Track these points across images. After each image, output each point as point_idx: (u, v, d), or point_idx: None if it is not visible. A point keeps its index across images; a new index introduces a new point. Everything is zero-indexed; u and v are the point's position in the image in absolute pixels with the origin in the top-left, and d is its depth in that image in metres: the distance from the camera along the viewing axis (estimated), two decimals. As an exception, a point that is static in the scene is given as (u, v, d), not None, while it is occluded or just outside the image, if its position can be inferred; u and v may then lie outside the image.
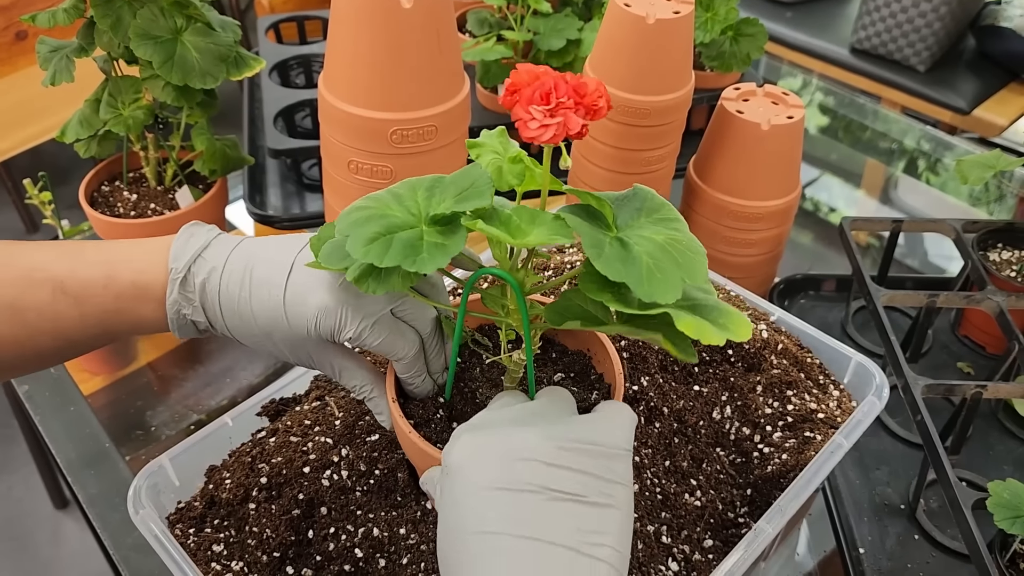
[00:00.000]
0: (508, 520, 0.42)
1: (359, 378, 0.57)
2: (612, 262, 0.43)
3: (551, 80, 0.43)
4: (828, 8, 2.30)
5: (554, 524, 0.42)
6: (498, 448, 0.45)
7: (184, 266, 0.53)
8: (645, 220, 0.48)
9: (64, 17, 0.84)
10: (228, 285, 0.53)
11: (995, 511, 0.66)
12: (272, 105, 1.14)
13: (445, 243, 0.44)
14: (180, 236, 0.55)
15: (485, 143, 0.50)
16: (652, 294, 0.42)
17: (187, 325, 0.55)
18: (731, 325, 0.45)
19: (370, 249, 0.44)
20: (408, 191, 0.48)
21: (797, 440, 0.68)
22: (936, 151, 1.45)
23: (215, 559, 0.59)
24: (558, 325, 0.48)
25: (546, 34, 1.12)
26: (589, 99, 0.43)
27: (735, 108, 0.90)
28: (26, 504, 1.82)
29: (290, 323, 0.52)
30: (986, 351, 1.00)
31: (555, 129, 0.42)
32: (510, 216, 0.45)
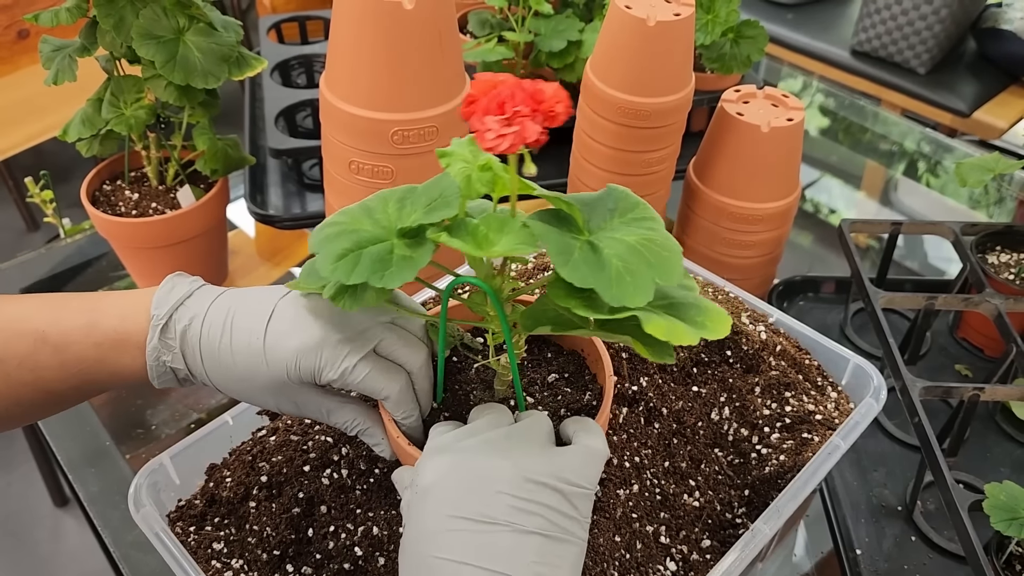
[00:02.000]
0: (470, 550, 0.44)
1: (347, 415, 0.56)
2: (579, 268, 0.43)
3: (507, 89, 0.42)
4: (829, 10, 2.30)
5: (514, 557, 0.44)
6: (469, 476, 0.46)
7: (166, 313, 0.53)
8: (618, 221, 0.47)
9: (67, 16, 0.84)
10: (209, 332, 0.53)
11: (992, 513, 0.66)
12: (273, 105, 1.14)
13: (413, 256, 0.44)
14: (163, 286, 0.55)
15: (455, 152, 0.50)
16: (621, 298, 0.42)
17: (167, 373, 0.54)
18: (708, 322, 0.45)
19: (338, 266, 0.44)
20: (380, 204, 0.48)
21: (795, 441, 0.68)
22: (936, 153, 1.45)
23: (215, 557, 0.60)
24: (531, 330, 0.49)
25: (547, 35, 1.12)
26: (546, 105, 0.42)
27: (735, 110, 0.90)
28: (26, 501, 1.82)
29: (269, 366, 0.52)
30: (984, 354, 1.00)
31: (511, 139, 0.42)
32: (477, 227, 0.45)
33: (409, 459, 0.54)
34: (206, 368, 0.53)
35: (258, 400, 0.55)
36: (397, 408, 0.53)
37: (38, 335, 0.52)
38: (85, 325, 0.53)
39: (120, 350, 0.53)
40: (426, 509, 0.45)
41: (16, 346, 0.52)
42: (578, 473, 0.47)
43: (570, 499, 0.46)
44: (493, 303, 0.48)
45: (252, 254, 1.17)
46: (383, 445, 0.58)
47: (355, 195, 0.87)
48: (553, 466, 0.47)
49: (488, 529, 0.44)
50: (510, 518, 0.44)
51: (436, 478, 0.46)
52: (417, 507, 0.46)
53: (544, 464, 0.47)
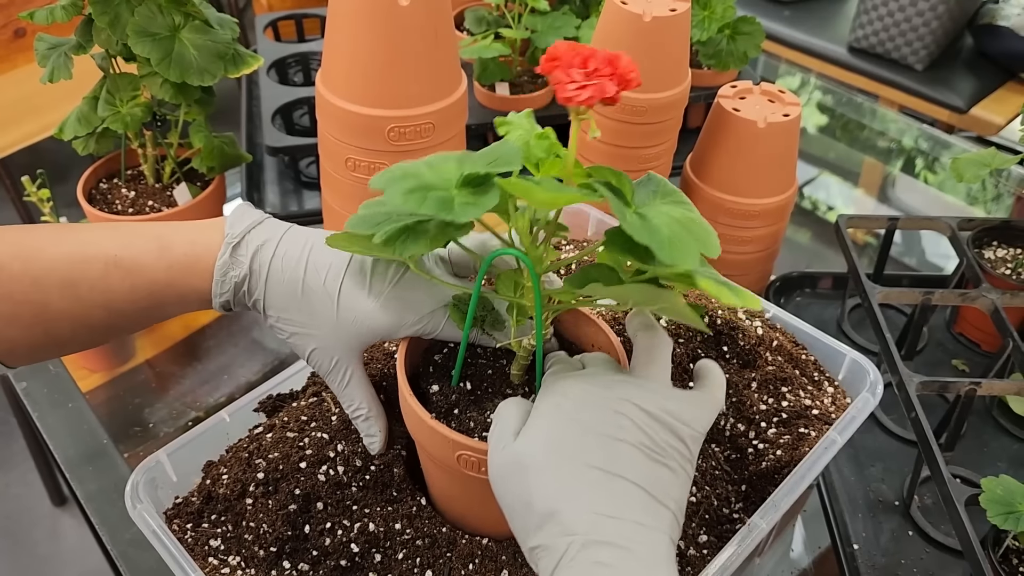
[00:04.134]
0: (606, 459, 0.45)
1: (359, 396, 0.58)
2: (637, 226, 0.44)
3: (589, 50, 0.45)
4: (826, 7, 2.30)
5: (639, 469, 0.46)
6: (605, 401, 0.48)
7: (241, 232, 0.55)
8: (660, 201, 0.49)
9: (62, 14, 0.84)
10: (284, 258, 0.55)
11: (988, 507, 0.66)
12: (270, 103, 1.14)
13: (477, 201, 0.45)
14: (235, 211, 0.57)
15: (514, 121, 0.52)
16: (673, 257, 0.44)
17: (229, 291, 0.56)
18: (742, 296, 0.47)
19: (409, 197, 0.45)
20: (440, 160, 0.50)
21: (792, 436, 0.68)
22: (934, 150, 1.45)
23: (212, 554, 0.60)
24: (580, 287, 0.49)
25: (543, 32, 1.12)
26: (623, 70, 0.45)
27: (732, 106, 0.90)
28: (24, 501, 1.82)
29: (340, 312, 0.55)
30: (981, 348, 1.00)
31: (592, 91, 0.44)
32: (539, 181, 0.46)
33: (416, 421, 0.54)
34: (267, 292, 0.55)
35: (299, 341, 0.57)
36: None
37: (110, 258, 0.54)
38: (157, 249, 0.54)
39: (191, 272, 0.55)
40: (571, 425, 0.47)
41: (88, 270, 0.53)
42: (694, 419, 0.49)
43: (685, 439, 0.48)
44: (531, 275, 0.49)
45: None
46: (376, 439, 0.58)
47: (352, 192, 0.86)
48: (675, 407, 0.49)
49: (613, 444, 0.46)
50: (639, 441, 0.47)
51: (578, 399, 0.48)
52: (557, 419, 0.48)
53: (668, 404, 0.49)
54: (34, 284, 0.52)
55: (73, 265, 0.53)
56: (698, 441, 0.49)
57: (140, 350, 1.02)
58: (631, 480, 0.45)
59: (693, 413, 0.49)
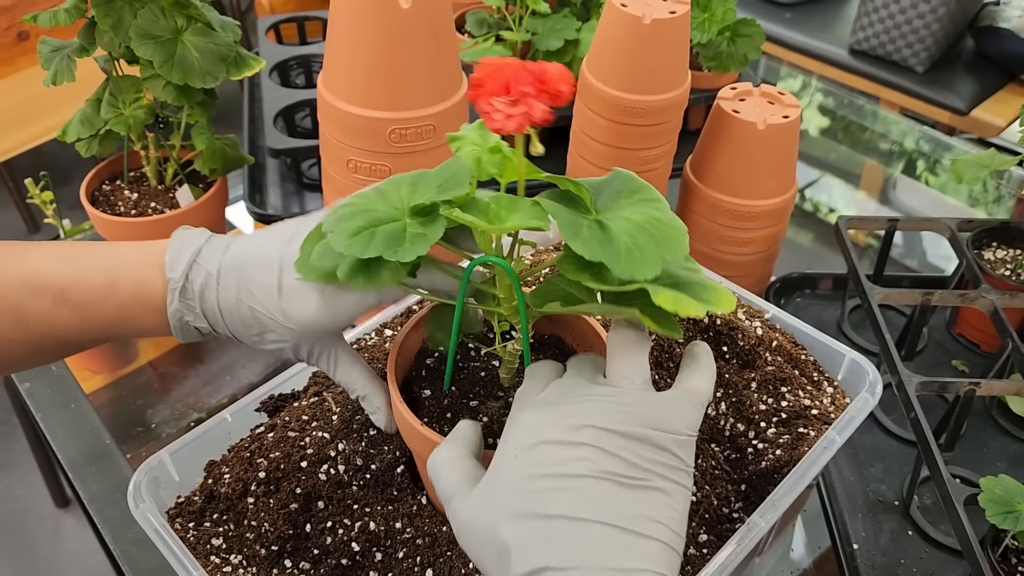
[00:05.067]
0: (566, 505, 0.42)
1: (352, 375, 0.58)
2: (589, 242, 0.43)
3: (512, 71, 0.43)
4: (827, 9, 2.30)
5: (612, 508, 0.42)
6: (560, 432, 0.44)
7: (181, 275, 0.53)
8: (624, 202, 0.48)
9: (65, 17, 0.85)
10: (225, 291, 0.54)
11: (987, 507, 0.66)
12: (272, 105, 1.15)
13: (426, 232, 0.45)
14: (172, 243, 0.55)
15: (465, 136, 0.51)
16: (630, 271, 0.43)
17: (190, 331, 0.55)
18: (713, 299, 0.45)
19: (353, 242, 0.45)
20: (392, 187, 0.49)
21: (791, 436, 0.68)
22: (935, 152, 1.45)
23: (214, 552, 0.60)
24: (540, 307, 0.49)
25: (544, 34, 1.12)
26: (551, 85, 0.43)
27: (731, 107, 0.90)
28: (27, 502, 1.82)
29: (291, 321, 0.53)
30: (981, 349, 1.00)
31: (518, 119, 0.42)
32: (488, 204, 0.46)
33: (408, 427, 0.54)
34: (228, 324, 0.55)
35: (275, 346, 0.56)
36: None
37: (58, 293, 0.53)
38: (104, 285, 0.53)
39: (142, 311, 0.54)
40: (518, 469, 0.44)
41: (36, 302, 0.52)
42: (677, 421, 0.45)
43: (669, 448, 0.44)
44: (512, 280, 0.49)
45: (251, 254, 1.18)
46: (380, 414, 0.58)
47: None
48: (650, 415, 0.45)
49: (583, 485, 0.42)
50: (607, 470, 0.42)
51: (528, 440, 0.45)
52: (508, 467, 0.45)
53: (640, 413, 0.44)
54: None
55: (22, 297, 0.52)
56: (688, 445, 0.45)
57: (143, 352, 1.02)
58: (602, 521, 0.41)
59: (675, 415, 0.45)
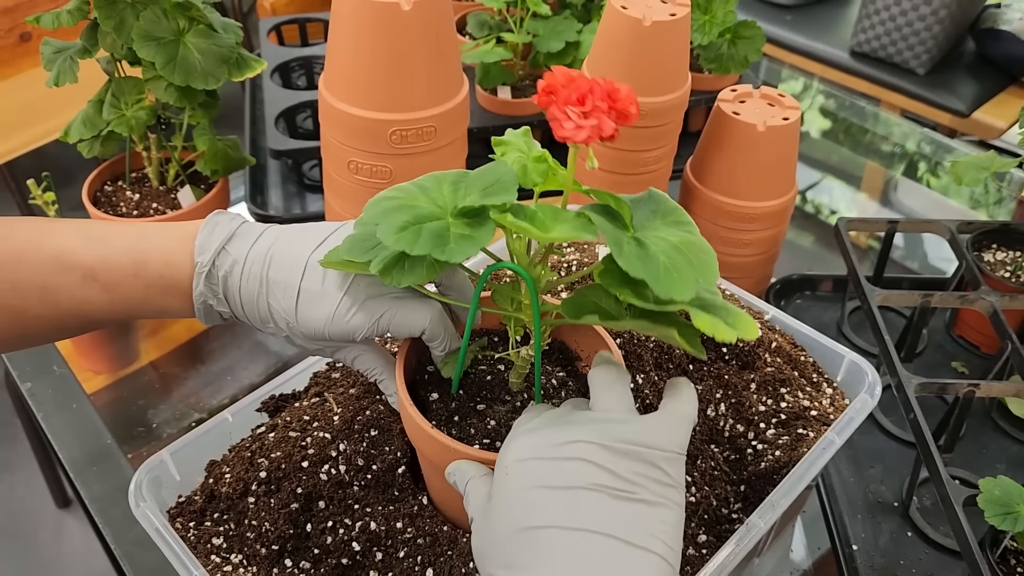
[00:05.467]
0: (558, 515, 0.43)
1: (370, 362, 0.60)
2: (632, 260, 0.44)
3: (587, 84, 0.44)
4: (828, 11, 2.30)
5: (606, 517, 0.43)
6: (551, 449, 0.46)
7: (209, 260, 0.54)
8: (660, 222, 0.49)
9: (68, 19, 0.85)
10: (248, 281, 0.55)
11: (986, 507, 0.67)
12: (273, 106, 1.15)
13: (473, 235, 0.45)
14: (205, 226, 0.56)
15: (510, 141, 0.51)
16: (670, 291, 0.43)
17: (213, 314, 0.57)
18: (739, 325, 0.47)
19: (401, 236, 0.45)
20: (434, 184, 0.50)
21: (790, 437, 0.68)
22: (936, 154, 1.46)
23: (215, 552, 0.60)
24: (575, 319, 0.49)
25: (545, 36, 1.13)
26: (621, 104, 0.44)
27: (731, 109, 0.90)
28: (28, 503, 1.83)
29: (302, 326, 0.55)
30: (980, 351, 1.00)
31: (589, 131, 0.43)
32: (535, 212, 0.46)
33: (416, 429, 0.54)
34: (246, 313, 0.56)
35: (295, 342, 0.58)
36: (433, 337, 0.56)
37: (87, 271, 0.54)
38: (132, 266, 0.54)
39: (167, 293, 0.55)
40: (510, 486, 0.46)
41: (65, 279, 0.53)
42: (665, 438, 0.47)
43: (658, 464, 0.46)
44: (530, 292, 0.49)
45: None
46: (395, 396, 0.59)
47: (354, 195, 0.87)
48: (637, 433, 0.46)
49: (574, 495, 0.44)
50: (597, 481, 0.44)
51: (521, 455, 0.46)
52: (501, 486, 0.46)
53: (629, 432, 0.46)
54: (13, 289, 0.53)
55: (52, 274, 0.53)
56: (677, 462, 0.47)
57: (144, 352, 1.03)
58: (598, 531, 0.42)
59: (662, 434, 0.47)
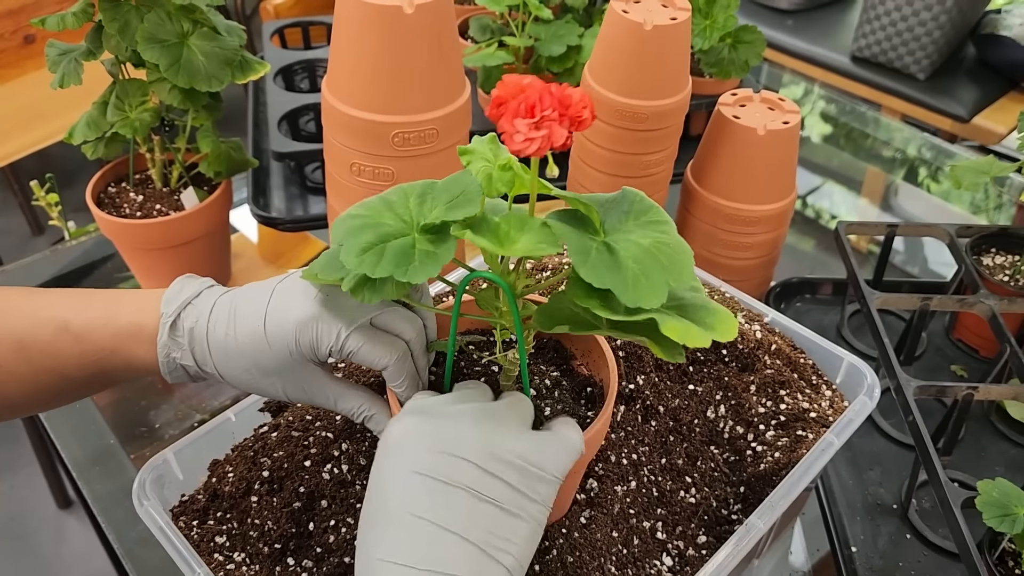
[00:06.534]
0: (425, 505, 0.45)
1: (353, 401, 0.58)
2: (597, 269, 0.44)
3: (536, 93, 0.43)
4: (829, 16, 2.31)
5: (467, 520, 0.45)
6: (435, 437, 0.47)
7: (174, 312, 0.55)
8: (633, 224, 0.48)
9: (73, 21, 0.86)
10: (215, 326, 0.55)
11: (984, 510, 0.67)
12: (276, 109, 1.15)
13: (436, 252, 0.46)
14: (173, 286, 0.57)
15: (476, 149, 0.51)
16: (637, 300, 0.43)
17: (177, 369, 0.56)
18: (717, 324, 0.46)
19: (363, 259, 0.45)
20: (400, 198, 0.49)
21: (789, 439, 0.69)
22: (936, 159, 1.46)
23: (218, 550, 0.61)
24: (548, 329, 0.49)
25: (547, 40, 1.13)
26: (573, 110, 0.43)
27: (732, 113, 0.91)
28: (29, 504, 1.83)
29: (272, 347, 0.53)
30: (979, 354, 1.01)
31: (540, 142, 0.43)
32: (499, 225, 0.46)
33: None
34: (215, 361, 0.55)
35: (268, 389, 0.56)
36: (394, 378, 0.54)
37: (60, 323, 0.55)
38: (104, 316, 0.55)
39: (136, 341, 0.56)
40: (388, 464, 0.47)
41: (40, 333, 0.55)
42: (544, 457, 0.48)
43: (532, 480, 0.47)
44: (508, 299, 0.49)
45: (255, 257, 1.19)
46: None
47: (356, 197, 0.88)
48: (520, 445, 0.48)
49: (445, 490, 0.45)
50: (469, 483, 0.46)
51: (402, 436, 0.48)
52: (384, 461, 0.48)
53: (511, 441, 0.48)
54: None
55: (27, 328, 0.54)
56: (551, 485, 0.48)
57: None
58: (460, 534, 0.44)
59: (548, 456, 0.48)
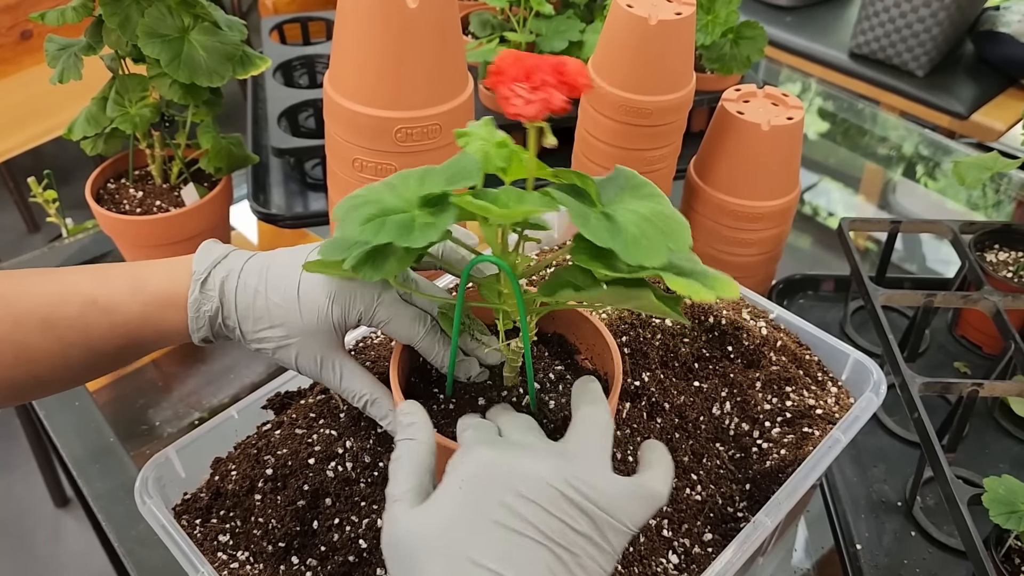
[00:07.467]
0: (496, 557, 0.42)
1: (360, 382, 0.58)
2: (598, 230, 0.44)
3: (533, 60, 0.44)
4: (827, 13, 2.31)
5: (532, 569, 0.42)
6: (511, 478, 0.44)
7: (206, 268, 0.57)
8: (628, 196, 0.49)
9: (73, 15, 0.85)
10: (246, 282, 0.56)
11: (991, 507, 0.67)
12: (276, 105, 1.15)
13: (434, 221, 0.46)
14: (201, 249, 0.58)
15: (472, 131, 0.51)
16: (639, 258, 0.44)
17: (205, 326, 0.57)
18: (718, 286, 0.47)
19: (365, 228, 0.45)
20: (401, 181, 0.50)
21: (795, 436, 0.68)
22: (935, 155, 1.46)
23: (221, 549, 0.60)
24: (550, 296, 0.49)
25: (548, 36, 1.13)
26: (569, 76, 0.44)
27: (736, 109, 0.90)
28: (26, 502, 1.82)
29: (302, 307, 0.55)
30: (983, 351, 1.00)
31: (538, 105, 0.43)
32: (497, 195, 0.46)
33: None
34: (239, 316, 0.57)
35: (281, 354, 0.57)
36: (429, 349, 0.57)
37: (87, 298, 0.55)
38: (131, 287, 0.56)
39: (165, 307, 0.56)
40: (457, 503, 0.44)
41: (67, 310, 0.55)
42: (623, 511, 0.46)
43: (607, 533, 0.45)
44: (510, 280, 0.49)
45: (254, 253, 1.18)
46: (390, 418, 0.58)
47: (358, 193, 0.87)
48: (597, 493, 0.45)
49: (520, 543, 0.43)
50: (537, 527, 0.43)
51: (476, 472, 0.45)
52: (448, 497, 0.45)
53: (596, 492, 0.45)
54: (16, 324, 0.53)
55: (53, 306, 0.54)
56: (624, 537, 0.45)
57: (146, 350, 1.02)
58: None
59: (628, 507, 0.45)
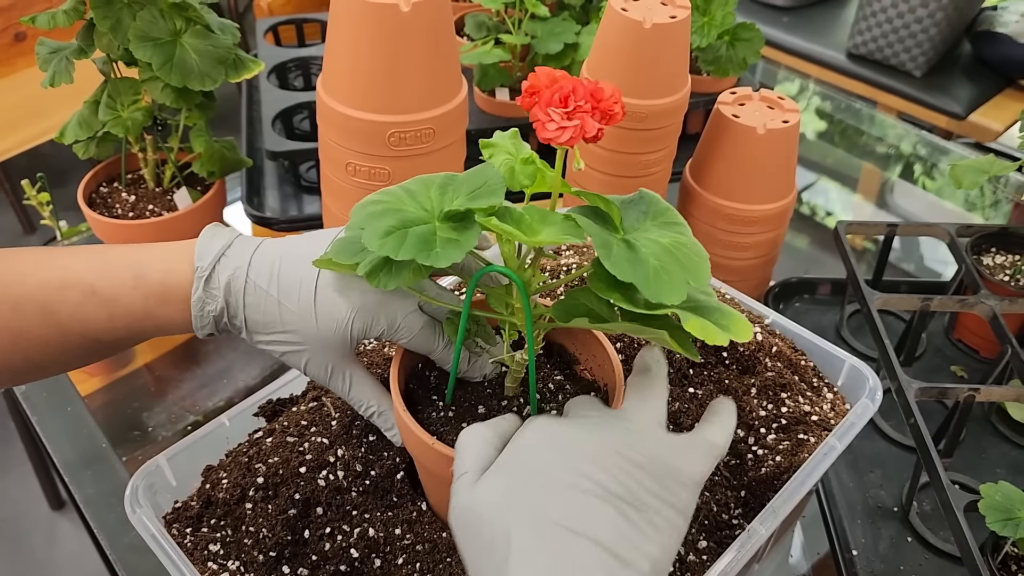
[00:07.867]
0: (564, 514, 0.42)
1: (369, 391, 0.58)
2: (620, 263, 0.44)
3: (570, 84, 0.44)
4: (824, 13, 2.30)
5: (610, 528, 0.42)
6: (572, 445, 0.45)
7: (209, 264, 0.54)
8: (651, 223, 0.49)
9: (64, 19, 0.84)
10: (256, 283, 0.54)
11: (987, 513, 0.66)
12: (270, 107, 1.14)
13: (458, 239, 0.45)
14: (203, 236, 0.56)
15: (498, 143, 0.51)
16: (659, 295, 0.43)
17: (209, 324, 0.55)
18: (732, 326, 0.46)
19: (386, 242, 0.44)
20: (421, 187, 0.49)
21: (791, 442, 0.68)
22: (932, 156, 1.45)
23: (211, 558, 0.60)
24: (565, 322, 0.49)
25: (543, 38, 1.12)
26: (605, 104, 0.44)
27: (731, 112, 0.90)
28: (22, 505, 1.82)
29: (319, 321, 0.54)
30: (979, 355, 1.00)
31: (572, 131, 0.43)
32: (522, 215, 0.46)
33: (414, 439, 0.54)
34: (247, 316, 0.55)
35: (292, 358, 0.56)
36: (445, 360, 0.57)
37: (87, 287, 0.54)
38: (132, 278, 0.54)
39: (166, 302, 0.55)
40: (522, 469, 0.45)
41: (66, 297, 0.53)
42: (684, 464, 0.46)
43: (674, 489, 0.45)
44: (521, 295, 0.48)
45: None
46: (396, 430, 0.58)
47: (352, 197, 0.87)
48: (657, 451, 0.46)
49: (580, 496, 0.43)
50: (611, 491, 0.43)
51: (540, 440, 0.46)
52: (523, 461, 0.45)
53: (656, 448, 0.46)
54: (13, 311, 0.52)
55: (52, 292, 0.53)
56: (693, 490, 0.46)
57: (139, 354, 1.02)
58: (594, 539, 0.42)
59: (686, 459, 0.46)
